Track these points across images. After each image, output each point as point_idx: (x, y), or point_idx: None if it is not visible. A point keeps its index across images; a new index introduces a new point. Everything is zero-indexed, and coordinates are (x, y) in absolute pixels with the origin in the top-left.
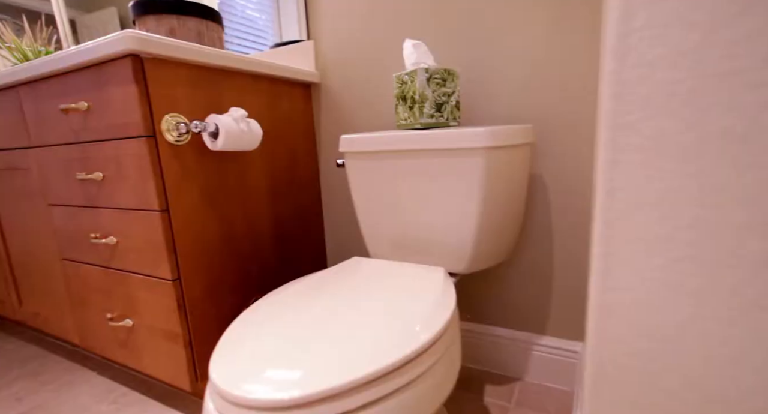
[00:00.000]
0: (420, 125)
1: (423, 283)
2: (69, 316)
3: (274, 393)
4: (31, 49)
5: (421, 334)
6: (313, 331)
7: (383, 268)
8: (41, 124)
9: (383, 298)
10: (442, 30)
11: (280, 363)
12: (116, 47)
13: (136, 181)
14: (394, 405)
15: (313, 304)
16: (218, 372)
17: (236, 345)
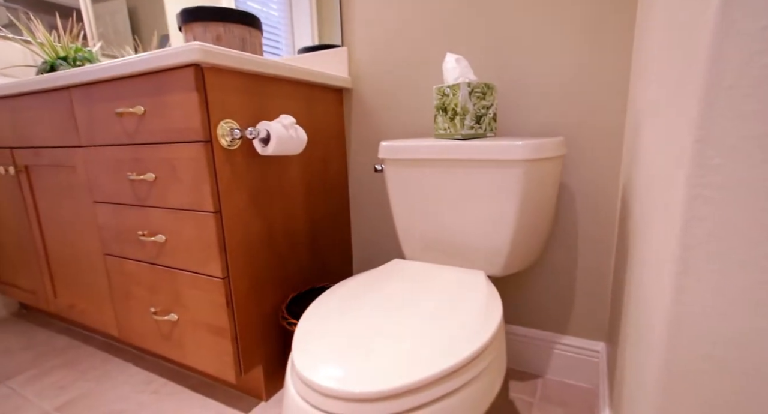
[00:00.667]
0: (461, 136)
1: (469, 286)
2: (108, 309)
3: (365, 386)
4: (61, 46)
5: (481, 335)
6: (381, 329)
7: (426, 271)
8: (92, 125)
9: (436, 299)
10: (475, 42)
11: (360, 358)
12: (183, 58)
13: (191, 183)
14: (461, 399)
15: (373, 303)
16: (304, 365)
17: (314, 339)
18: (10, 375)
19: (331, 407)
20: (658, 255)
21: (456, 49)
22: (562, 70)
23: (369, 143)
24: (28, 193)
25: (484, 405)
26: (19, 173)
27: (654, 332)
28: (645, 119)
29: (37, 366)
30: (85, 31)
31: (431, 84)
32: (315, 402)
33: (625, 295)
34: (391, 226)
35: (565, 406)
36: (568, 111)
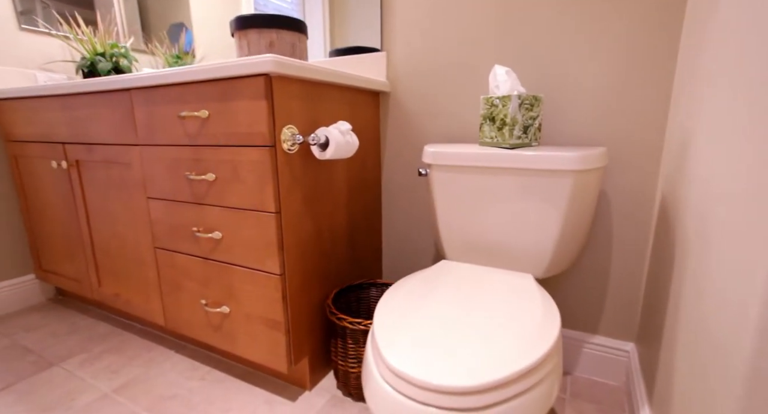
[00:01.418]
0: (508, 145)
1: (523, 289)
2: (156, 299)
3: (458, 380)
4: (100, 42)
5: (548, 336)
6: (455, 327)
7: (477, 273)
8: (151, 125)
9: (497, 300)
10: (517, 52)
11: (447, 354)
12: (257, 69)
13: (253, 184)
14: (534, 397)
15: (440, 302)
16: (397, 359)
17: (396, 335)
18: (63, 357)
19: (427, 399)
20: (735, 279)
21: (498, 58)
22: (603, 83)
23: (404, 146)
24: (78, 186)
25: (549, 403)
26: (70, 167)
27: (730, 344)
28: (701, 137)
29: (86, 350)
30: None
31: (470, 90)
32: (411, 394)
33: (669, 301)
34: (422, 226)
35: (597, 402)
36: (608, 122)
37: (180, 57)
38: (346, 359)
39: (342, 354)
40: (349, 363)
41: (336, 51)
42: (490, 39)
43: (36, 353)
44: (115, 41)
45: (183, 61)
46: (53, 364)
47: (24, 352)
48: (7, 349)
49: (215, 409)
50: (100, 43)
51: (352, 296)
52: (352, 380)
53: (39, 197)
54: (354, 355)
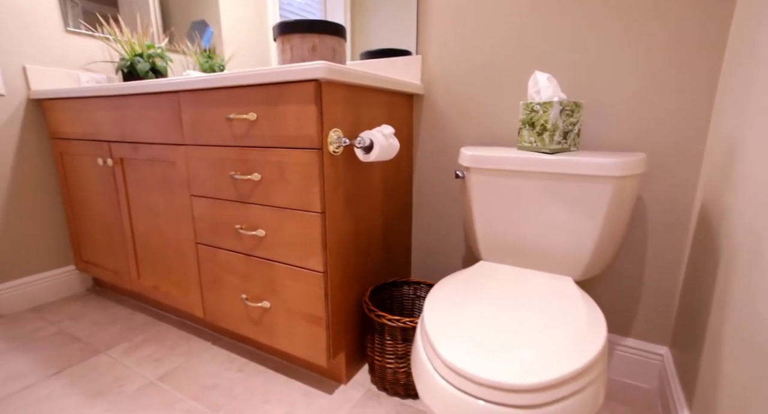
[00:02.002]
0: (548, 150)
1: (565, 291)
2: (195, 292)
3: (518, 377)
4: (138, 43)
5: (598, 338)
6: (506, 326)
7: (516, 274)
8: (198, 126)
9: (541, 301)
10: (555, 58)
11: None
12: (308, 74)
13: (300, 185)
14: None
15: (486, 301)
16: (452, 355)
17: (448, 332)
18: (108, 345)
19: (485, 395)
20: None
21: (535, 63)
22: (643, 89)
23: (437, 148)
24: (121, 183)
25: (598, 405)
26: (114, 165)
27: None
28: (753, 146)
29: (127, 339)
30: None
31: (505, 94)
32: (469, 390)
33: (713, 309)
34: (452, 227)
35: (630, 405)
36: (647, 129)
37: (211, 56)
38: (383, 355)
39: (379, 350)
40: (386, 358)
41: (366, 53)
42: (527, 44)
43: (82, 341)
44: (152, 42)
45: (213, 60)
46: (99, 352)
47: (71, 340)
48: (56, 336)
49: (256, 399)
50: (139, 43)
51: (385, 294)
52: (388, 375)
53: (82, 192)
54: (392, 351)
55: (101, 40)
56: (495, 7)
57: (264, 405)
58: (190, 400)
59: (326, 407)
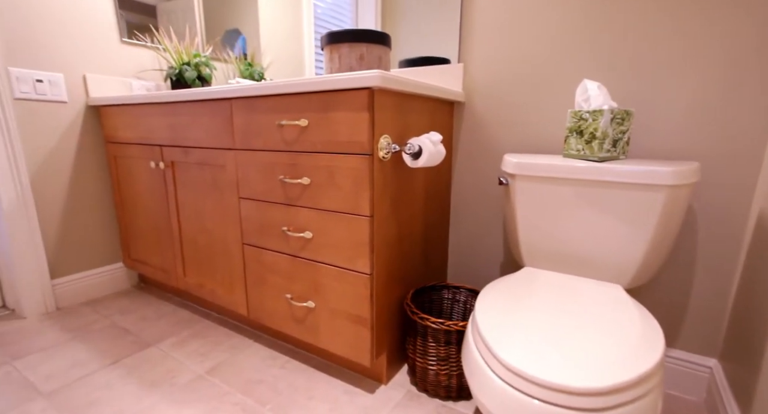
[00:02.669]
0: (597, 158)
1: (616, 298)
2: (240, 291)
3: (582, 380)
4: (186, 52)
5: (657, 345)
6: (563, 331)
7: (563, 280)
8: (249, 131)
9: (595, 307)
10: (602, 65)
11: (559, 355)
12: (362, 83)
13: (349, 189)
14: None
15: (538, 306)
16: (512, 356)
17: (506, 336)
18: (157, 339)
19: (548, 397)
20: None
21: (581, 72)
22: (697, 97)
23: (476, 154)
24: (171, 185)
25: None
26: (166, 168)
27: None
28: None
29: (174, 334)
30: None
31: (547, 101)
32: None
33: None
34: (489, 233)
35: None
36: (699, 137)
37: (251, 64)
38: (426, 357)
39: (421, 352)
40: (428, 360)
41: (405, 61)
42: (573, 52)
43: (134, 334)
44: (198, 51)
45: (253, 68)
46: (150, 345)
47: (124, 333)
48: (109, 329)
49: (300, 395)
50: (186, 52)
51: (425, 297)
52: (430, 377)
53: (133, 194)
54: (434, 354)
55: (152, 50)
56: (540, 16)
57: (308, 401)
58: (238, 393)
59: (369, 406)
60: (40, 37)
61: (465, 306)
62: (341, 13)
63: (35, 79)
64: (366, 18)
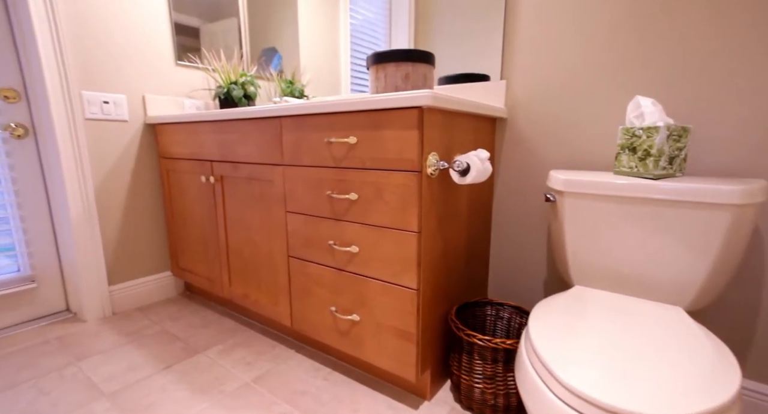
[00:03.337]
0: (652, 176)
1: (678, 321)
2: (284, 302)
3: (658, 411)
4: (233, 71)
5: (733, 376)
6: (621, 355)
7: (618, 301)
8: (297, 148)
9: (656, 331)
10: (653, 79)
11: (627, 381)
12: (413, 102)
13: (397, 205)
14: None
15: (596, 328)
16: (576, 380)
17: (565, 356)
18: (204, 346)
19: None
20: None
21: (632, 86)
22: (756, 114)
23: (518, 170)
24: (220, 198)
25: None
26: (215, 182)
27: None
28: None
29: (220, 342)
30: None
31: (594, 118)
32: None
33: None
34: (532, 249)
35: None
36: (761, 154)
37: (292, 82)
38: (471, 375)
39: (466, 369)
40: (474, 378)
41: (445, 78)
42: (621, 69)
43: (183, 341)
44: (244, 71)
45: (294, 86)
46: (198, 352)
47: (174, 338)
48: (160, 335)
49: (344, 408)
50: (234, 72)
51: (468, 313)
52: (476, 395)
53: (183, 206)
54: (480, 372)
55: (202, 71)
56: (587, 33)
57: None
58: (284, 403)
59: None
60: (108, 62)
61: (509, 323)
62: (375, 29)
63: (102, 101)
64: (399, 35)
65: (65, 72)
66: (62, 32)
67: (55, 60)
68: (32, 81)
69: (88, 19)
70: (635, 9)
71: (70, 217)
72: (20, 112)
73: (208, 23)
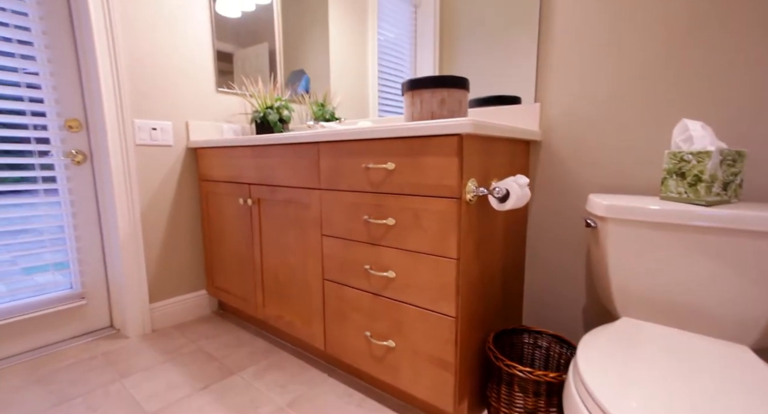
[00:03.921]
0: (704, 202)
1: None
2: (318, 325)
3: None
4: (269, 97)
5: None
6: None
7: (674, 337)
8: (335, 173)
9: (719, 372)
10: (690, 101)
11: None
12: (454, 130)
13: (435, 231)
14: None
15: (654, 367)
16: None
17: (628, 402)
18: (239, 367)
19: None
20: None
21: (676, 108)
22: None
23: (554, 194)
24: (257, 220)
25: None
26: (253, 204)
27: None
28: None
29: (254, 363)
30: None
31: (634, 140)
32: None
33: None
34: (568, 275)
35: None
36: None
37: (323, 105)
38: (511, 408)
39: (506, 401)
40: (514, 412)
41: (476, 101)
42: (664, 89)
43: (218, 360)
44: (279, 95)
45: (325, 109)
46: (233, 373)
47: (209, 358)
48: (197, 353)
49: None
50: (270, 97)
51: (505, 340)
52: None
53: (220, 226)
54: (521, 405)
55: (240, 96)
56: (627, 54)
57: None
58: None
59: None
60: (158, 92)
61: (548, 352)
62: (400, 50)
63: (151, 128)
64: (425, 55)
65: (121, 102)
66: (121, 66)
67: (113, 92)
68: (93, 111)
69: (142, 53)
70: (678, 27)
71: (119, 236)
72: (80, 140)
73: (241, 49)
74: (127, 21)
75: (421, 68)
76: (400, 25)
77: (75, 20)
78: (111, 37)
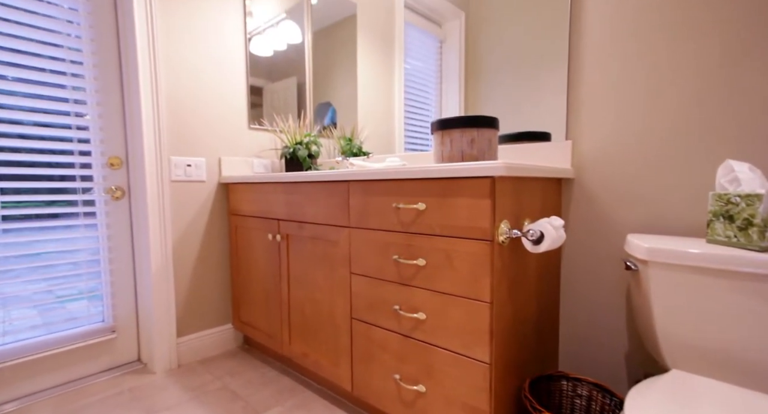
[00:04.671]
0: (759, 248)
1: None
2: (345, 365)
3: None
4: (299, 132)
5: None
6: None
7: (733, 395)
8: (365, 211)
9: None
10: (743, 141)
11: None
12: (487, 172)
13: (467, 273)
14: None
15: None
16: None
17: None
18: (265, 407)
19: None
20: None
21: (718, 147)
22: None
23: (588, 234)
24: (285, 256)
25: None
26: (281, 240)
27: None
28: None
29: (280, 403)
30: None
31: (674, 179)
32: None
33: None
34: (605, 318)
35: None
36: None
37: (351, 140)
38: None
39: None
40: None
41: (505, 137)
42: (706, 128)
43: (243, 399)
44: (308, 131)
45: (352, 143)
46: (259, 413)
47: (234, 397)
48: (222, 391)
49: None
50: (299, 133)
51: (542, 387)
52: None
53: (248, 261)
54: None
55: (270, 132)
56: (665, 91)
57: None
58: None
59: None
60: (193, 130)
61: (588, 403)
62: (426, 84)
63: (186, 164)
64: (450, 90)
65: (160, 140)
66: (162, 107)
67: (153, 131)
68: (133, 149)
69: (182, 94)
70: (714, 61)
71: (151, 270)
72: (120, 177)
73: (270, 83)
74: (168, 63)
75: (447, 102)
76: (425, 59)
77: (123, 66)
78: (155, 79)
